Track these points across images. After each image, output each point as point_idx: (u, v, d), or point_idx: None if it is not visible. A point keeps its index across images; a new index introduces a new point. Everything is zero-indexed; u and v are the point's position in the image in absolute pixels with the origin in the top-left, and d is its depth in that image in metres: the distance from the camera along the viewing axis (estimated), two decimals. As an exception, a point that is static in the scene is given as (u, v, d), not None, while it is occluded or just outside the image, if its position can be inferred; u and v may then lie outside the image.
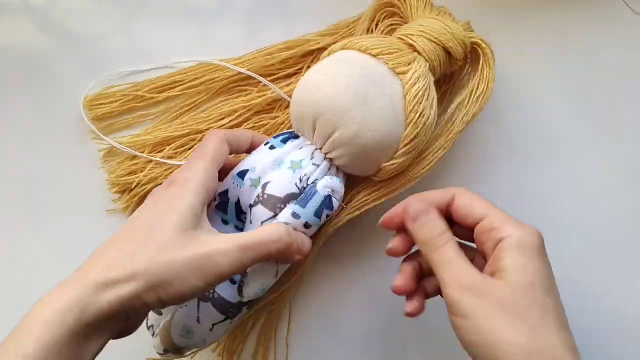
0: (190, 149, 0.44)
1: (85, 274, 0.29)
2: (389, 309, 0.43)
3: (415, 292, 0.35)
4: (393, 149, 0.37)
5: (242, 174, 0.36)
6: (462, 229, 0.34)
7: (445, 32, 0.39)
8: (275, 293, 0.42)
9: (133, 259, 0.30)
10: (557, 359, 0.27)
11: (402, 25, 0.43)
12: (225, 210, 0.37)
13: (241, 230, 0.37)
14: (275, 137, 0.38)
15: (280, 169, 0.36)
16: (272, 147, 0.37)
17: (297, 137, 0.38)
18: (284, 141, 0.37)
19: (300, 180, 0.35)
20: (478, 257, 0.34)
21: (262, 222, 0.34)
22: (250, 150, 0.39)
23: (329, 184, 0.36)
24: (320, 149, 0.37)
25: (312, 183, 0.36)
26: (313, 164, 0.36)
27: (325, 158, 0.37)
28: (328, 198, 0.35)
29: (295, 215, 0.34)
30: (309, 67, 0.45)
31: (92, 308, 0.28)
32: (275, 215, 0.34)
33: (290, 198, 0.35)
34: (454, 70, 0.42)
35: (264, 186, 0.35)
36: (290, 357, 0.43)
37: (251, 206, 0.35)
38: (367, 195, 0.40)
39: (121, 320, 0.30)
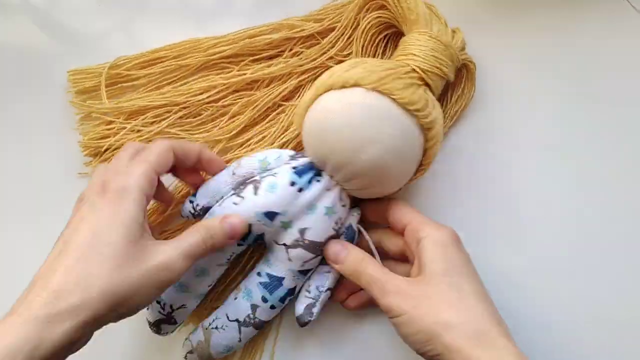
0: (164, 119, 0.44)
1: (30, 306, 0.27)
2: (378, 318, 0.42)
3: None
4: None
5: (271, 215, 0.36)
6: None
7: (450, 63, 0.39)
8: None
9: (87, 281, 0.28)
10: (482, 325, 0.32)
11: (389, 19, 0.43)
12: (244, 239, 0.38)
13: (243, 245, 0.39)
14: (297, 173, 0.37)
15: (315, 215, 0.37)
16: (300, 190, 0.37)
17: (318, 172, 0.38)
18: (309, 181, 0.37)
19: (336, 223, 0.38)
20: (414, 265, 0.37)
21: (304, 262, 0.38)
22: (198, 163, 0.38)
23: (358, 219, 0.40)
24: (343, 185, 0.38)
25: (346, 222, 0.39)
26: (342, 206, 0.38)
27: (348, 194, 0.39)
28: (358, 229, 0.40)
29: None
30: (291, 49, 0.45)
31: (46, 343, 0.27)
32: (316, 255, 0.38)
33: (330, 239, 0.38)
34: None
35: (302, 232, 0.37)
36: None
37: (287, 246, 0.37)
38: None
39: (78, 342, 0.29)
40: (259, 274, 0.39)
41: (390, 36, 0.45)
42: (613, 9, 0.46)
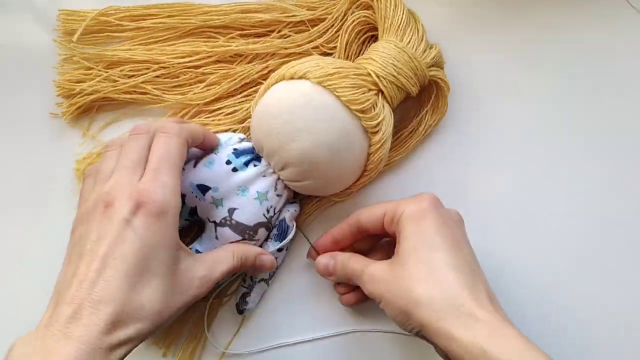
0: (142, 75, 0.44)
1: (90, 334, 0.28)
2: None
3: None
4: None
5: (203, 189, 0.37)
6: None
7: (412, 76, 0.39)
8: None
9: (141, 314, 0.30)
10: (453, 297, 0.31)
11: (374, 20, 0.43)
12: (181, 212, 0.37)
13: (187, 221, 0.40)
14: (235, 154, 0.38)
15: (246, 198, 0.37)
16: (234, 169, 0.37)
17: (258, 157, 0.39)
18: (246, 164, 0.38)
19: (267, 211, 0.38)
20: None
21: (230, 243, 0.38)
22: (201, 146, 0.38)
23: (294, 215, 0.41)
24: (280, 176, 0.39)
25: (278, 211, 0.39)
26: (277, 195, 0.39)
27: (286, 186, 0.39)
28: (294, 225, 0.41)
29: (280, 250, 0.40)
30: (280, 32, 0.46)
31: None
32: (244, 239, 0.38)
33: (259, 226, 0.38)
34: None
35: (231, 211, 0.37)
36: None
37: (216, 224, 0.38)
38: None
39: None
40: (190, 249, 0.39)
41: (375, 38, 0.45)
42: (612, 8, 0.46)
